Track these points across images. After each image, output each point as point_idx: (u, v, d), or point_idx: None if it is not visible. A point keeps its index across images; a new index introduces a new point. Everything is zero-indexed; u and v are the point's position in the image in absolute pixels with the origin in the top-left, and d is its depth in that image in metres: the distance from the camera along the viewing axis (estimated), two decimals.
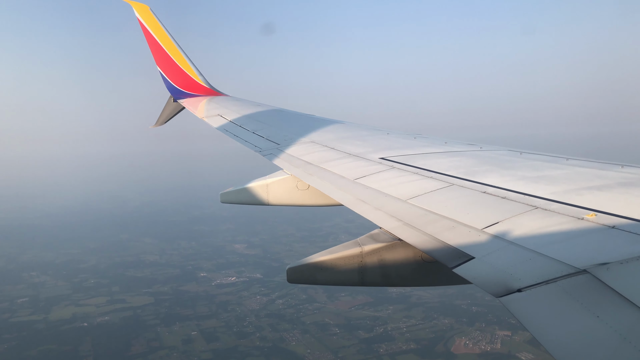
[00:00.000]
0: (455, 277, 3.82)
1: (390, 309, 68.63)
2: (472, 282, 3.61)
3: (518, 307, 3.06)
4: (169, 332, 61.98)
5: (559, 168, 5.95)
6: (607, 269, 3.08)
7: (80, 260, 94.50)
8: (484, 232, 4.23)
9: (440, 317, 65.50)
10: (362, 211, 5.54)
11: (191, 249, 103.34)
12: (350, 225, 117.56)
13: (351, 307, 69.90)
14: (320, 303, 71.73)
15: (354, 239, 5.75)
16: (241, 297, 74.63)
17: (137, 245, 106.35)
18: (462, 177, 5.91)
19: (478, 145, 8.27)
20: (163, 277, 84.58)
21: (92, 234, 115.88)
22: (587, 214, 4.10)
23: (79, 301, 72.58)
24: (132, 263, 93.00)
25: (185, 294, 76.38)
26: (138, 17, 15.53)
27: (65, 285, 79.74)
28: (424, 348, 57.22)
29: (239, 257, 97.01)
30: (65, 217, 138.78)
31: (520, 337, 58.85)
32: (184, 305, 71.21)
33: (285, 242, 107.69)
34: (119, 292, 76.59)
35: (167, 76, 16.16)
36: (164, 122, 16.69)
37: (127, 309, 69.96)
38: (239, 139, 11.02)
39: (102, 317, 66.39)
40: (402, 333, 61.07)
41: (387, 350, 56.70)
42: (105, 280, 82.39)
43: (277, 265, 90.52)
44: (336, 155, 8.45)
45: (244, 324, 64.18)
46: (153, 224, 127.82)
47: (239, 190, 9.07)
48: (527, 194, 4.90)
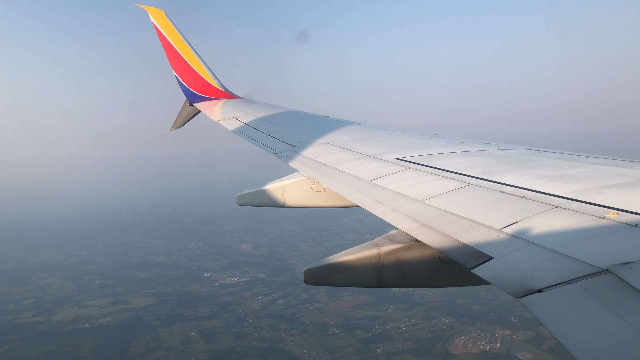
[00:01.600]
0: (473, 277, 3.80)
1: (391, 309, 68.18)
2: (491, 282, 3.57)
3: (539, 308, 3.03)
4: (168, 332, 62.38)
5: (579, 166, 5.84)
6: (629, 269, 3.01)
7: (88, 262, 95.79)
8: (502, 232, 4.19)
9: (441, 316, 64.85)
10: (379, 213, 5.52)
11: (198, 250, 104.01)
12: (358, 225, 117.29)
13: (352, 307, 69.60)
14: (321, 303, 71.56)
15: (370, 240, 5.74)
16: (243, 297, 74.81)
17: (145, 247, 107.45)
18: (480, 177, 5.87)
19: (495, 144, 8.18)
20: (167, 278, 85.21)
21: (102, 236, 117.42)
22: (609, 213, 4.02)
23: (83, 302, 73.52)
24: (139, 264, 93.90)
25: (188, 294, 76.85)
26: (153, 22, 15.79)
27: (71, 287, 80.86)
28: (422, 348, 56.67)
29: (245, 257, 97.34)
30: (76, 220, 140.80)
31: (520, 337, 58.02)
32: (185, 306, 71.64)
33: (291, 242, 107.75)
34: (123, 293, 77.39)
35: (182, 80, 16.36)
36: (180, 125, 16.89)
37: (130, 309, 70.64)
38: (255, 142, 11.09)
39: (104, 318, 67.12)
40: (401, 333, 60.59)
41: (384, 350, 56.31)
42: (110, 282, 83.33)
43: (281, 265, 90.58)
44: (352, 156, 8.43)
45: (244, 325, 64.29)
46: (163, 226, 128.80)
47: (255, 193, 9.18)
48: (547, 193, 4.83)
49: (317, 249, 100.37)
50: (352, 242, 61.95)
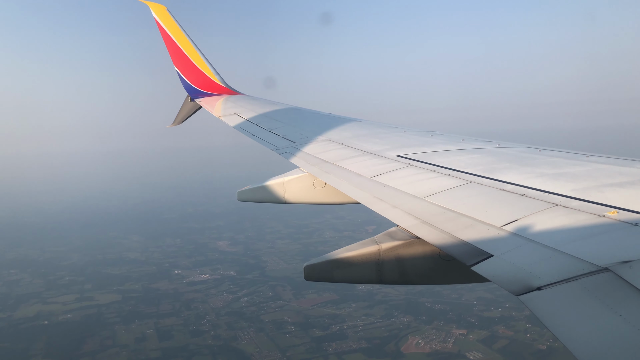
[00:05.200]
0: (473, 275, 3.82)
1: (353, 307, 67.95)
2: (490, 280, 3.58)
3: (538, 306, 3.03)
4: (125, 330, 62.36)
5: (579, 165, 5.87)
6: (629, 267, 3.03)
7: (63, 258, 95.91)
8: (502, 229, 4.21)
9: (401, 315, 64.58)
10: (379, 209, 5.58)
11: (174, 247, 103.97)
12: (339, 222, 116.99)
13: (314, 304, 69.41)
14: (284, 301, 71.45)
15: (370, 237, 5.77)
16: (208, 295, 74.73)
17: (123, 243, 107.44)
18: (480, 175, 5.90)
19: (496, 142, 8.19)
20: (138, 274, 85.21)
21: (82, 232, 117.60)
22: (609, 211, 4.04)
23: (48, 299, 73.54)
24: (113, 260, 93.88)
25: (154, 291, 76.82)
26: (155, 17, 15.92)
27: (40, 283, 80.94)
28: (374, 347, 56.47)
29: (219, 254, 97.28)
30: (61, 215, 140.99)
31: (474, 336, 57.77)
32: (149, 303, 71.64)
33: (269, 239, 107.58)
34: (90, 290, 77.40)
35: (184, 76, 16.50)
36: (182, 121, 17.07)
37: (93, 306, 70.61)
38: (256, 138, 11.19)
39: (64, 315, 67.14)
40: (357, 331, 60.37)
41: (335, 349, 56.12)
42: (80, 278, 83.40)
43: (253, 263, 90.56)
44: (352, 153, 8.47)
45: (202, 322, 64.23)
46: (144, 222, 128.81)
47: (256, 189, 9.24)
48: (547, 191, 4.86)
49: (293, 246, 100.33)
50: (329, 240, 62.52)
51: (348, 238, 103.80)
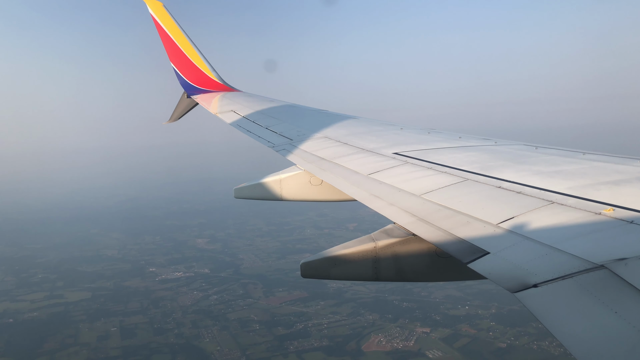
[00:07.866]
0: (469, 272, 3.82)
1: (321, 305, 67.68)
2: (486, 277, 3.59)
3: (534, 303, 3.04)
4: (89, 328, 62.04)
5: (576, 163, 5.90)
6: (625, 265, 3.04)
7: (39, 255, 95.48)
8: (499, 227, 4.22)
9: (367, 313, 64.32)
10: (376, 207, 5.57)
11: (153, 244, 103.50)
12: (320, 220, 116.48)
13: (282, 302, 69.12)
14: (253, 299, 71.16)
15: (367, 234, 5.78)
16: (178, 292, 74.40)
17: (102, 240, 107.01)
18: (477, 172, 5.91)
19: (493, 140, 8.24)
20: (111, 272, 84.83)
21: (63, 229, 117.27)
22: (605, 209, 4.04)
23: (17, 297, 73.18)
24: (89, 258, 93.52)
25: (125, 289, 76.47)
26: (152, 13, 15.84)
27: (12, 281, 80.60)
28: (335, 345, 56.20)
29: (197, 252, 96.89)
30: (44, 212, 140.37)
31: (437, 335, 57.51)
32: (117, 301, 71.27)
33: (249, 236, 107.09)
34: (61, 288, 77.04)
35: (180, 72, 16.48)
36: (178, 117, 17.08)
37: (61, 304, 70.24)
38: (252, 135, 11.20)
39: (30, 313, 66.79)
40: (321, 329, 60.11)
41: (296, 347, 55.86)
42: (53, 276, 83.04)
43: (229, 260, 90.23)
44: (349, 150, 8.47)
45: (167, 321, 63.92)
46: (126, 219, 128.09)
47: (252, 186, 9.21)
48: (543, 189, 4.87)
49: (272, 244, 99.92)
50: (308, 237, 62.14)
51: (328, 235, 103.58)
